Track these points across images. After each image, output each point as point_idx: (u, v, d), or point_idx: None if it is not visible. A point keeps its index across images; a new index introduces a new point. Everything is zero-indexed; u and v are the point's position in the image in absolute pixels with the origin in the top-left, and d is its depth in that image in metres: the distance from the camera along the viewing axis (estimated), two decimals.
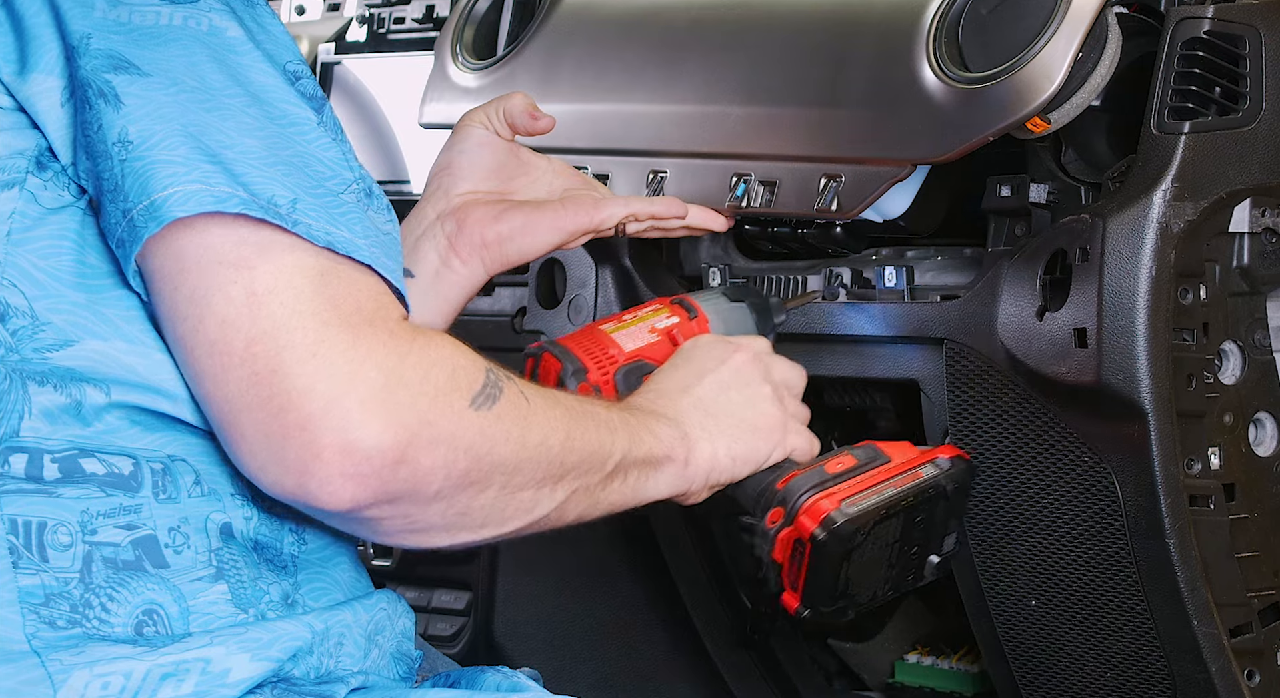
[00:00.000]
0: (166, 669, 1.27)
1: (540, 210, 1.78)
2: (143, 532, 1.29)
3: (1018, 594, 1.90)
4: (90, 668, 1.25)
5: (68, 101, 1.28)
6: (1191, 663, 1.80)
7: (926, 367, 1.90)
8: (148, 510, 1.30)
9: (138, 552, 1.29)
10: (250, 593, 1.32)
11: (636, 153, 1.90)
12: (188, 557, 1.30)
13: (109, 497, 1.29)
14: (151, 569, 1.29)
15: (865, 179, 1.85)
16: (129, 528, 1.29)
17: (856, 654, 2.34)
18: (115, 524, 1.28)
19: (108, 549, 1.28)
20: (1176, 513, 1.75)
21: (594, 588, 2.31)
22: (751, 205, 1.92)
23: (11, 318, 1.28)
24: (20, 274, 1.28)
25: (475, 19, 2.21)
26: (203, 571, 1.31)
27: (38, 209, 1.29)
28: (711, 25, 2.01)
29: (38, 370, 1.28)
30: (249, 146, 1.26)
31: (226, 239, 1.25)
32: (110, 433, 1.29)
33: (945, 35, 1.82)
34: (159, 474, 1.30)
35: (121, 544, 1.28)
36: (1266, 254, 1.80)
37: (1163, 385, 1.73)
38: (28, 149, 1.29)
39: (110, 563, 1.28)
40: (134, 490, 1.29)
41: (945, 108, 1.80)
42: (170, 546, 1.30)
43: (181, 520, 1.31)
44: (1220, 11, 1.75)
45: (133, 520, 1.29)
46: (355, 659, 1.36)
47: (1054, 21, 1.74)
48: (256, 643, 1.30)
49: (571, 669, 2.32)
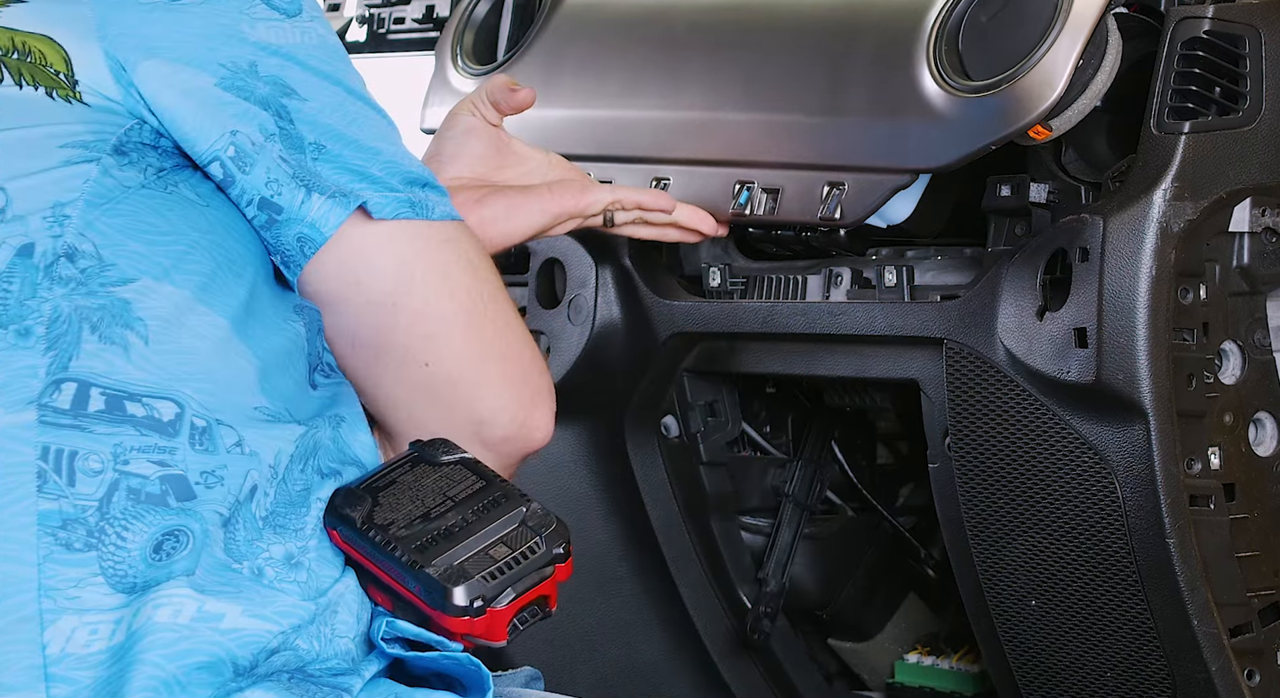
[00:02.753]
0: (158, 601, 1.28)
1: (525, 194, 1.79)
2: (174, 470, 1.31)
3: (1018, 594, 1.90)
4: (80, 615, 1.26)
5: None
6: (1191, 663, 1.80)
7: (926, 367, 1.90)
8: (181, 454, 1.32)
9: (164, 487, 1.30)
10: (245, 549, 1.33)
11: (639, 159, 1.91)
12: (218, 492, 1.32)
13: (143, 436, 1.30)
14: (174, 503, 1.31)
15: (868, 187, 1.85)
16: (161, 465, 1.31)
17: (856, 654, 2.34)
18: (149, 459, 1.30)
19: (135, 480, 1.29)
20: (1176, 513, 1.76)
21: (594, 588, 2.31)
22: (754, 213, 1.92)
23: (80, 258, 1.32)
24: (94, 232, 1.33)
25: (475, 23, 2.21)
26: (222, 507, 1.32)
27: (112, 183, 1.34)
28: (712, 31, 2.01)
29: (100, 304, 1.31)
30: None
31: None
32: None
33: (945, 43, 1.81)
34: (199, 431, 1.32)
35: (150, 478, 1.30)
36: (1266, 254, 1.80)
37: (1163, 385, 1.73)
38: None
39: (134, 495, 1.29)
40: (171, 435, 1.31)
41: (947, 116, 1.80)
42: (200, 483, 1.32)
43: (218, 466, 1.33)
44: (1220, 11, 1.75)
45: (166, 459, 1.31)
46: (349, 626, 1.37)
47: (1054, 28, 1.74)
48: (252, 601, 1.31)
49: (571, 669, 2.32)
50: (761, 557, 2.23)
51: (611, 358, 2.13)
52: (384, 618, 1.39)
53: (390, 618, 1.39)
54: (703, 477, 2.20)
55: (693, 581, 2.24)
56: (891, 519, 2.26)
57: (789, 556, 2.21)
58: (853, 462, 2.27)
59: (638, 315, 2.10)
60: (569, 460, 2.25)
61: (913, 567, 2.29)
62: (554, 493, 2.29)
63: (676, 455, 2.19)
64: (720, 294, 2.05)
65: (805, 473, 2.23)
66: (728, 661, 2.27)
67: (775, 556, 2.21)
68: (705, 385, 2.17)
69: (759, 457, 2.25)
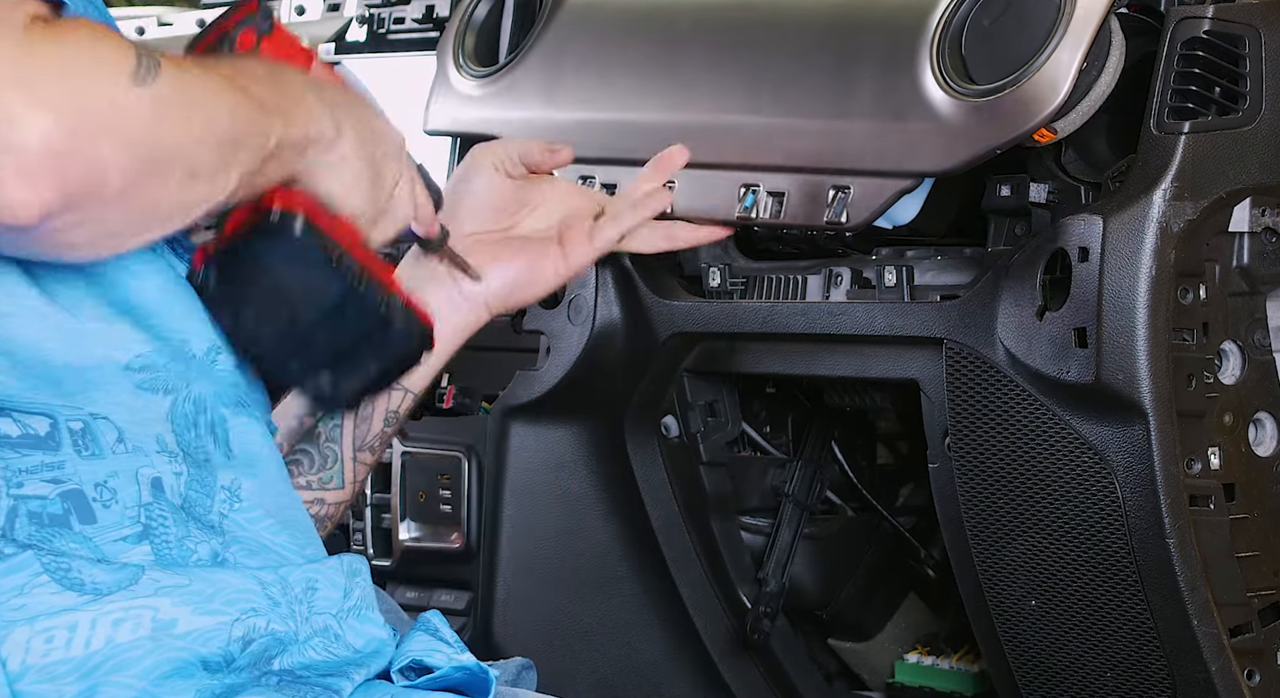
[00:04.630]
0: (117, 616, 1.25)
1: (543, 257, 1.76)
2: (69, 486, 1.28)
3: (1018, 594, 1.90)
4: (31, 624, 1.23)
5: None
6: (1191, 663, 1.80)
7: (926, 367, 1.90)
8: (71, 466, 1.28)
9: (66, 505, 1.27)
10: (177, 553, 1.31)
11: (643, 163, 1.90)
12: (115, 512, 1.29)
13: (25, 456, 1.27)
14: (77, 526, 1.27)
15: (873, 191, 1.85)
16: (55, 482, 1.27)
17: (856, 654, 2.34)
18: (41, 479, 1.27)
19: (34, 503, 1.26)
20: (1176, 513, 1.76)
21: (594, 588, 2.31)
22: (760, 216, 1.92)
23: None
24: None
25: (475, 25, 2.21)
26: (129, 528, 1.29)
27: None
28: (715, 33, 2.01)
29: None
30: None
31: None
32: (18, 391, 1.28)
33: (949, 47, 1.81)
34: (78, 433, 1.29)
35: (49, 498, 1.27)
36: (1266, 254, 1.80)
37: (1163, 385, 1.73)
38: None
39: (36, 519, 1.26)
40: (53, 450, 1.28)
41: (951, 120, 1.79)
42: (98, 500, 1.29)
43: (109, 475, 1.30)
44: (1220, 11, 1.75)
45: (58, 475, 1.28)
46: (333, 602, 1.36)
47: (1058, 32, 1.74)
48: (199, 596, 1.28)
49: (571, 669, 2.32)
50: (761, 557, 2.23)
51: (611, 358, 2.13)
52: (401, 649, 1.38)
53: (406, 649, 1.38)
54: (703, 477, 2.20)
55: (693, 581, 2.24)
56: (891, 519, 2.26)
57: (789, 555, 2.21)
58: (853, 462, 2.27)
59: (638, 315, 2.10)
60: (569, 461, 2.26)
61: (913, 567, 2.29)
62: (554, 493, 2.29)
63: (676, 455, 2.19)
64: (720, 294, 2.05)
65: (805, 473, 2.23)
66: (728, 661, 2.27)
67: (775, 556, 2.21)
68: (705, 385, 2.17)
69: (759, 457, 2.26)
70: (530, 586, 2.33)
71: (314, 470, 1.68)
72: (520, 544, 2.32)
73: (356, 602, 1.38)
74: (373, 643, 1.38)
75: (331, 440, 1.69)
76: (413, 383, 1.70)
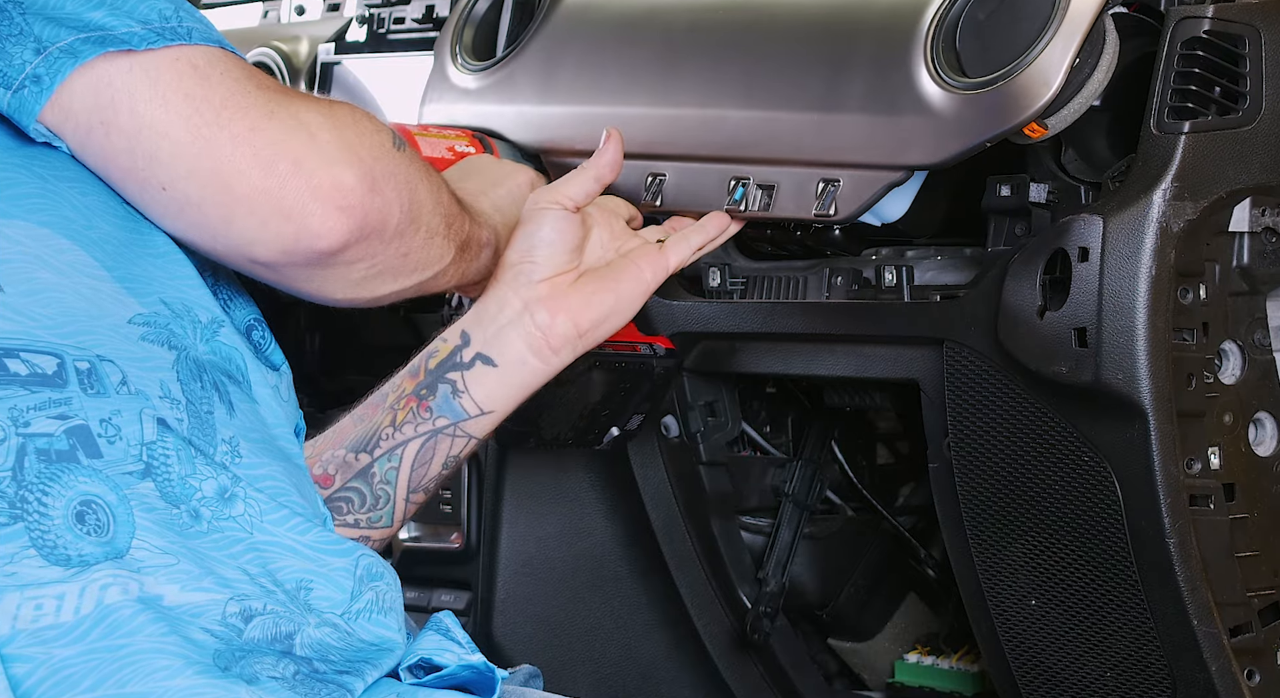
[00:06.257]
0: (104, 582, 1.26)
1: (621, 286, 1.76)
2: (75, 421, 1.29)
3: (1018, 594, 1.90)
4: (21, 591, 1.24)
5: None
6: (1191, 663, 1.80)
7: (926, 367, 1.90)
8: (78, 402, 1.30)
9: (72, 441, 1.29)
10: (180, 490, 1.32)
11: (635, 155, 1.90)
12: (120, 448, 1.30)
13: (34, 393, 1.29)
14: (85, 460, 1.28)
15: (863, 183, 1.85)
16: (62, 418, 1.29)
17: (856, 654, 2.34)
18: (48, 416, 1.28)
19: (41, 441, 1.28)
20: (1176, 513, 1.76)
21: (594, 588, 2.31)
22: (749, 209, 1.92)
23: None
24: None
25: (475, 20, 2.21)
26: (132, 465, 1.30)
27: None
28: (710, 28, 2.01)
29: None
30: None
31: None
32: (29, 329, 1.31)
33: (943, 40, 1.81)
34: (85, 373, 1.31)
35: (55, 434, 1.28)
36: (1266, 254, 1.80)
37: (1162, 385, 1.73)
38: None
39: (44, 456, 1.27)
40: (60, 387, 1.30)
41: (942, 113, 1.79)
42: (103, 436, 1.30)
43: (114, 412, 1.31)
44: (1220, 11, 1.75)
45: (65, 411, 1.29)
46: (337, 603, 1.36)
47: (1051, 26, 1.74)
48: (186, 575, 1.29)
49: (571, 669, 2.32)
50: (761, 557, 2.23)
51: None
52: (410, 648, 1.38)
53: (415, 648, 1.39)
54: (703, 477, 2.20)
55: (692, 580, 2.24)
56: (891, 519, 2.26)
57: (789, 555, 2.21)
58: (853, 462, 2.27)
59: (638, 315, 2.10)
60: (569, 461, 2.26)
61: (913, 567, 2.29)
62: (554, 493, 2.29)
63: (676, 455, 2.19)
64: (720, 294, 2.05)
65: (805, 473, 2.23)
66: (727, 660, 2.27)
67: (775, 555, 2.21)
68: (705, 385, 2.17)
69: (759, 457, 2.25)
70: (530, 586, 2.33)
71: (364, 509, 1.66)
72: (520, 544, 2.32)
73: (366, 605, 1.37)
74: (386, 643, 1.38)
75: (386, 482, 1.67)
76: (476, 429, 1.69)
